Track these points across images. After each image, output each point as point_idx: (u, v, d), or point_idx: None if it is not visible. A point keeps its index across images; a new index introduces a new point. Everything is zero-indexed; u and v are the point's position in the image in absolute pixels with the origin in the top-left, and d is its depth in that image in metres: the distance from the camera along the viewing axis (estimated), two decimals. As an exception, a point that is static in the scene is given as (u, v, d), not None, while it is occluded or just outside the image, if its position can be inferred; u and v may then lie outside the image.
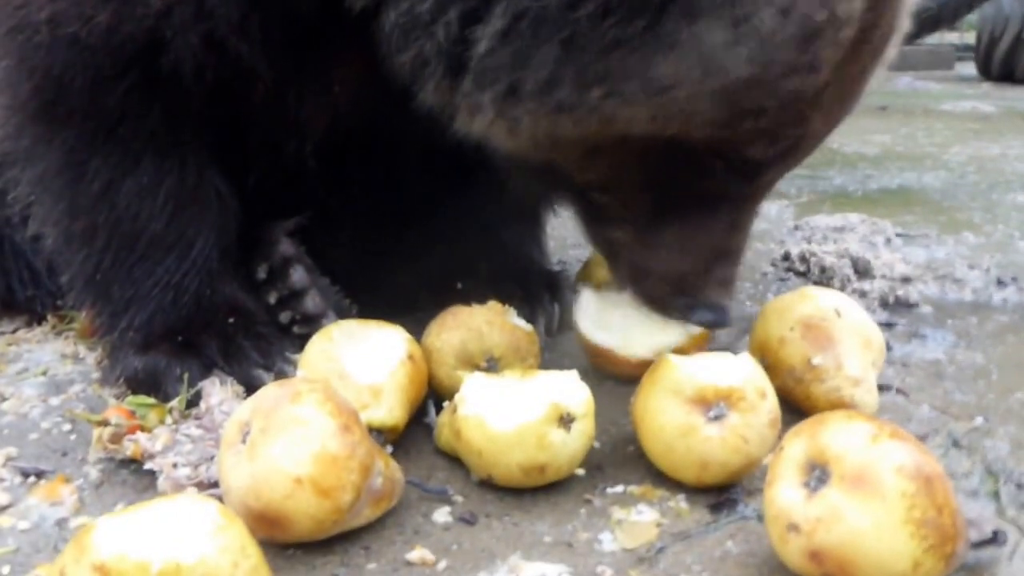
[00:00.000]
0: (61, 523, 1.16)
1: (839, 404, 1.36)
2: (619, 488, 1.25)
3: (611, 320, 1.53)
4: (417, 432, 1.37)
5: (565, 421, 1.20)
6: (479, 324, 1.42)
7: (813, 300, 1.46)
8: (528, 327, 1.47)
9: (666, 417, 1.23)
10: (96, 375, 1.58)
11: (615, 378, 1.52)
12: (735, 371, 1.25)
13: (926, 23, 4.87)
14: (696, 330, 1.49)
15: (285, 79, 1.41)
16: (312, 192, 1.62)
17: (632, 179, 1.33)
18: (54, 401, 1.51)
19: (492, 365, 1.40)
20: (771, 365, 1.39)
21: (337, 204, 1.66)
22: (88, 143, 1.41)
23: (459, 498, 1.22)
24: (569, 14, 1.13)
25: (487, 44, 1.18)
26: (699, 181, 1.32)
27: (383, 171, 1.66)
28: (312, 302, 1.55)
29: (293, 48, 1.38)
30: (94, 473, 1.26)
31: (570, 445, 1.21)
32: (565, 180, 1.39)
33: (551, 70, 1.17)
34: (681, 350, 1.44)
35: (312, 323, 1.52)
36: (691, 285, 1.40)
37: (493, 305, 1.47)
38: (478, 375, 1.29)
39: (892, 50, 1.31)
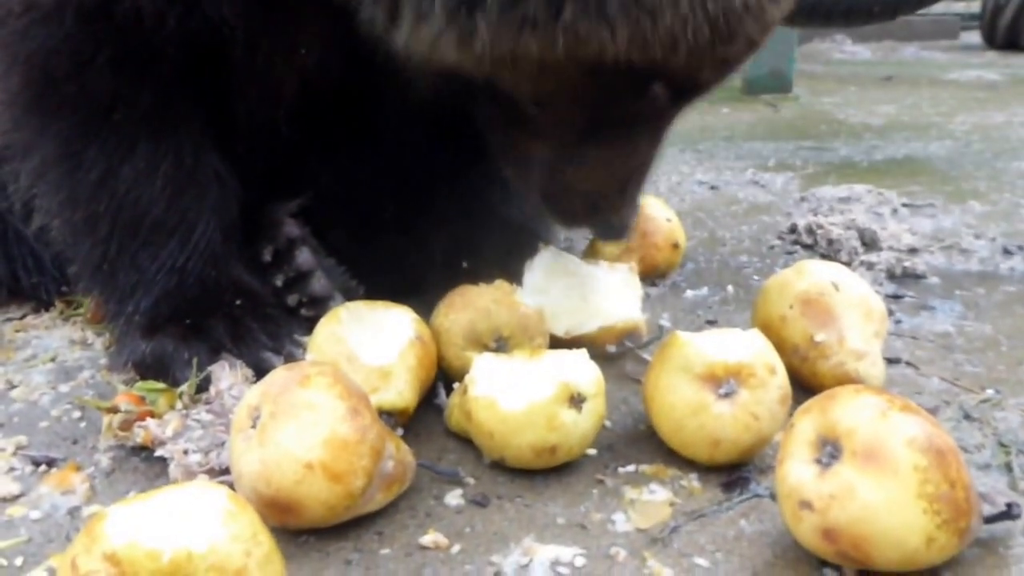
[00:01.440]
0: (73, 512, 1.16)
1: (845, 379, 1.36)
2: (631, 468, 1.25)
3: (552, 287, 1.52)
4: (427, 414, 1.37)
5: (575, 401, 1.20)
6: (487, 304, 1.41)
7: (810, 275, 1.45)
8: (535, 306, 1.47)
9: (677, 395, 1.22)
10: (105, 361, 1.58)
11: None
12: (744, 347, 1.24)
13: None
14: (615, 322, 1.51)
15: (252, 35, 1.38)
16: (301, 165, 1.60)
17: (571, 96, 1.29)
18: (63, 388, 1.50)
19: (501, 345, 1.39)
20: (775, 344, 1.38)
21: (332, 181, 1.64)
22: (82, 131, 1.40)
23: (471, 480, 1.22)
24: None
25: None
26: (634, 102, 1.30)
27: (366, 141, 1.64)
28: (319, 284, 1.54)
29: None
30: (105, 461, 1.26)
31: (581, 425, 1.20)
32: (500, 93, 1.32)
33: None
34: (594, 338, 1.49)
35: (319, 305, 1.51)
36: (606, 204, 1.43)
37: (500, 284, 1.46)
38: (487, 355, 1.29)
39: None
